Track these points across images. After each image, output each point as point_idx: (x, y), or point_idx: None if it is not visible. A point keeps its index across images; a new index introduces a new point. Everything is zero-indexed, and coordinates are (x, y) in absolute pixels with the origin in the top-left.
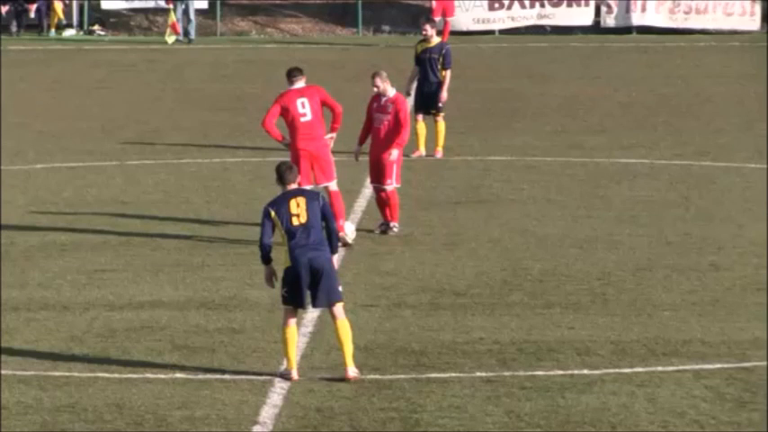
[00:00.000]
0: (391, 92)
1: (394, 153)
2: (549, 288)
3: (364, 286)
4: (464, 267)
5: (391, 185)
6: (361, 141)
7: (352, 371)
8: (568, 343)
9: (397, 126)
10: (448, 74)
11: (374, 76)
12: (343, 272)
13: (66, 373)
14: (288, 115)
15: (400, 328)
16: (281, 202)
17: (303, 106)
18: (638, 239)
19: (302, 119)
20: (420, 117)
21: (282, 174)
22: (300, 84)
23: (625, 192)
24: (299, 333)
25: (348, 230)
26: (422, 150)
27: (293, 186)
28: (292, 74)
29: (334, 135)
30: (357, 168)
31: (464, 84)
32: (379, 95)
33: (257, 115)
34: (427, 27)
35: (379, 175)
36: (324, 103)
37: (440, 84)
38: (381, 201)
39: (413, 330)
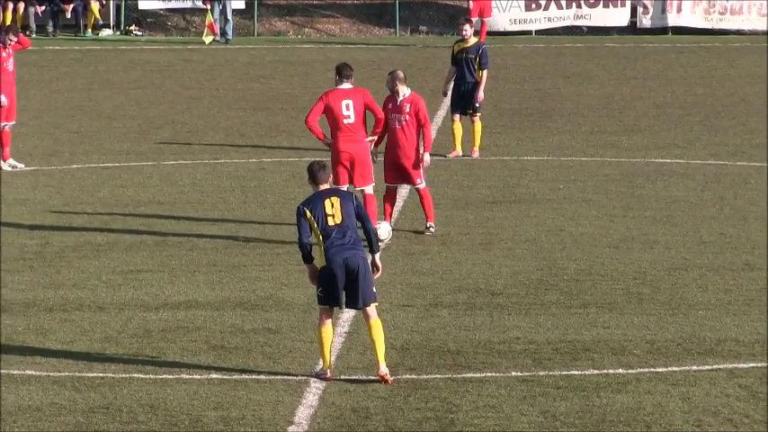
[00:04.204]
0: (407, 91)
1: (427, 158)
2: (584, 288)
3: (401, 286)
4: (500, 267)
5: (423, 184)
6: (378, 143)
7: (383, 369)
8: (604, 342)
9: (419, 127)
10: (485, 74)
11: (391, 76)
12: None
13: (101, 374)
14: (331, 115)
15: (436, 327)
16: (315, 202)
17: (348, 108)
18: (674, 239)
19: (345, 120)
20: (457, 117)
21: (315, 173)
22: (348, 85)
23: (660, 191)
24: (334, 333)
25: (383, 231)
26: (459, 150)
27: (325, 186)
28: (344, 72)
29: (374, 138)
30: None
31: (501, 84)
32: (393, 96)
33: (294, 115)
34: (466, 27)
35: (404, 176)
36: (367, 107)
37: (476, 84)
38: (392, 200)
39: (449, 330)
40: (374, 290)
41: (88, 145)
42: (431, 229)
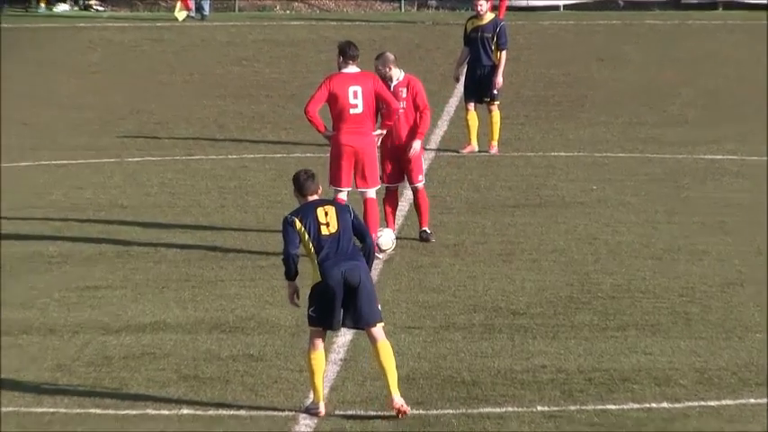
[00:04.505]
0: (400, 74)
1: (416, 145)
2: (622, 306)
3: (406, 305)
4: (523, 282)
5: (422, 182)
6: None
7: (398, 400)
8: (645, 371)
9: (416, 112)
10: (504, 55)
11: (380, 59)
12: (382, 288)
13: (52, 409)
14: (335, 104)
15: (448, 354)
16: (305, 211)
17: (355, 96)
18: (727, 249)
19: (352, 110)
20: (471, 106)
21: (302, 184)
22: (354, 68)
23: (711, 193)
24: (327, 360)
25: (386, 240)
26: (474, 145)
27: (315, 197)
28: (349, 52)
29: (383, 132)
30: None
31: (523, 67)
32: (385, 81)
33: (281, 104)
34: (481, 2)
35: (404, 173)
36: (378, 96)
37: (494, 67)
38: (394, 203)
39: (463, 357)
40: (379, 308)
41: (39, 139)
42: (432, 236)
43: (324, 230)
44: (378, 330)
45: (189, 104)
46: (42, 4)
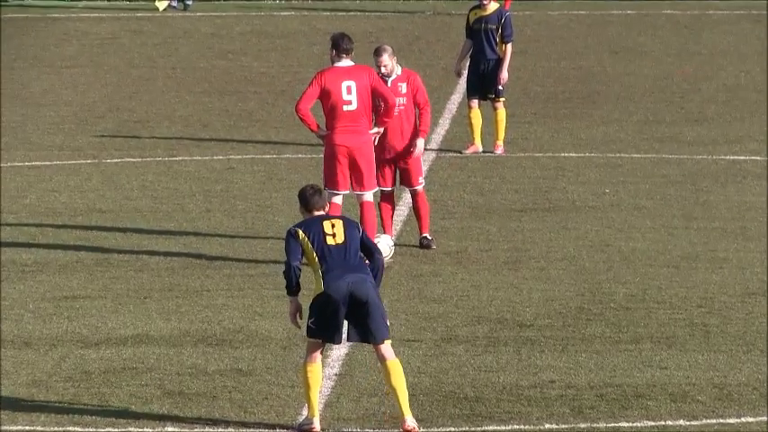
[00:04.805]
0: (398, 69)
1: (420, 144)
2: (636, 318)
3: (405, 316)
4: (530, 292)
5: (422, 185)
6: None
7: (410, 421)
8: (660, 387)
9: (416, 109)
10: (509, 48)
11: (378, 52)
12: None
13: (28, 427)
14: (328, 100)
15: (450, 368)
16: (311, 223)
17: (349, 92)
18: (748, 256)
19: (345, 107)
20: (474, 103)
21: (308, 199)
22: (348, 61)
23: (732, 196)
24: (323, 375)
25: (383, 246)
26: (478, 145)
27: (322, 213)
28: (341, 45)
29: (380, 130)
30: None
31: (531, 61)
32: (382, 77)
33: (270, 101)
34: None
35: (402, 175)
36: (374, 91)
37: (499, 61)
38: (390, 207)
39: (466, 371)
40: (388, 323)
41: (11, 138)
42: (432, 242)
43: (330, 240)
44: (386, 348)
45: (171, 101)
46: None
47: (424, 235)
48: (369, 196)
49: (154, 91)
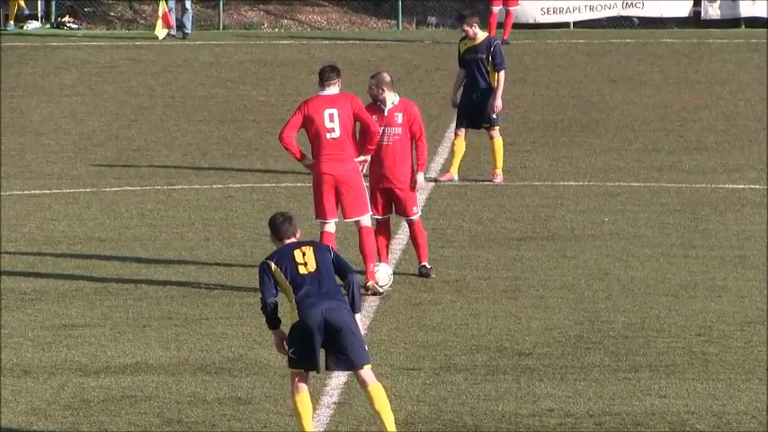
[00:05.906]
0: (395, 98)
1: (420, 179)
2: (635, 346)
3: (404, 345)
4: (529, 320)
5: (417, 214)
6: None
7: None
8: (659, 415)
9: (412, 140)
10: (501, 76)
11: (375, 79)
12: (378, 326)
13: None
14: (311, 128)
15: (449, 397)
16: (281, 253)
17: (331, 119)
18: (747, 285)
19: (329, 135)
20: (462, 132)
21: (278, 227)
22: (333, 90)
23: (731, 225)
24: (319, 403)
25: (382, 275)
26: (453, 174)
27: (293, 240)
28: (326, 75)
29: (367, 158)
30: None
31: (530, 89)
32: (378, 105)
33: (269, 129)
34: (466, 28)
35: (396, 205)
36: (357, 118)
37: (491, 90)
38: (386, 235)
39: (465, 400)
40: (366, 348)
41: (10, 166)
42: (431, 271)
43: (302, 270)
44: (366, 373)
45: (170, 130)
46: (11, 22)
47: (423, 263)
48: (366, 221)
49: (153, 119)
